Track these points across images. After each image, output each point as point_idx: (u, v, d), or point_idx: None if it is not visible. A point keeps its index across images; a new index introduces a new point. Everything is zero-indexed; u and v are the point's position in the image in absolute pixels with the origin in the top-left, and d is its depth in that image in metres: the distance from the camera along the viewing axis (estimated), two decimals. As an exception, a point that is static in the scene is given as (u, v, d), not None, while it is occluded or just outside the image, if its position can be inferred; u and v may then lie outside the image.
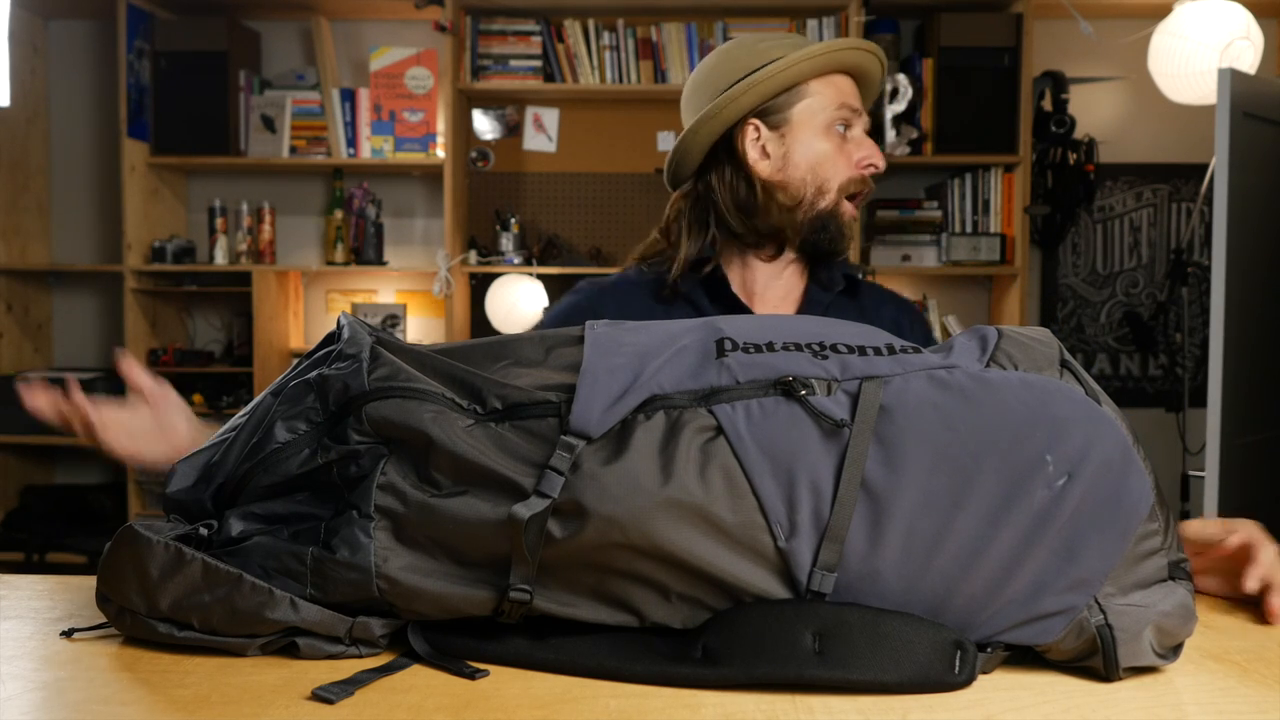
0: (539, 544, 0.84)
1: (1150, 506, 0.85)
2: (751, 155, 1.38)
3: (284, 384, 0.95)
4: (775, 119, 1.38)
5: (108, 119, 4.25)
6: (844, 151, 1.39)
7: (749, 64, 1.36)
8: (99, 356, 4.36)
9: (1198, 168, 4.10)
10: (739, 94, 1.34)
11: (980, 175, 3.97)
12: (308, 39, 4.25)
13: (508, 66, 4.01)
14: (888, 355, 0.90)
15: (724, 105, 1.35)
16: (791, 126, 1.38)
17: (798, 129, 1.38)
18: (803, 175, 1.38)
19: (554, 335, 0.97)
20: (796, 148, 1.38)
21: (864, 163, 1.40)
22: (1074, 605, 0.84)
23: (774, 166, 1.38)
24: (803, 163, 1.38)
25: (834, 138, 1.39)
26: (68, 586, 1.12)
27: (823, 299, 1.44)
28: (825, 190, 1.38)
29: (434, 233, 4.29)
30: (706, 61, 1.42)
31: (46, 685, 0.84)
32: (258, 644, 0.88)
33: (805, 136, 1.38)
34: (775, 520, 0.84)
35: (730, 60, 1.38)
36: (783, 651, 0.82)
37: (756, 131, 1.38)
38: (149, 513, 4.06)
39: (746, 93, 1.34)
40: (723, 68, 1.38)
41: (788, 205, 1.39)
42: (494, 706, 0.80)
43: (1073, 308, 4.30)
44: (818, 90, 1.38)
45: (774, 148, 1.38)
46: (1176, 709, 0.81)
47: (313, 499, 0.91)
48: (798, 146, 1.38)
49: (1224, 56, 3.32)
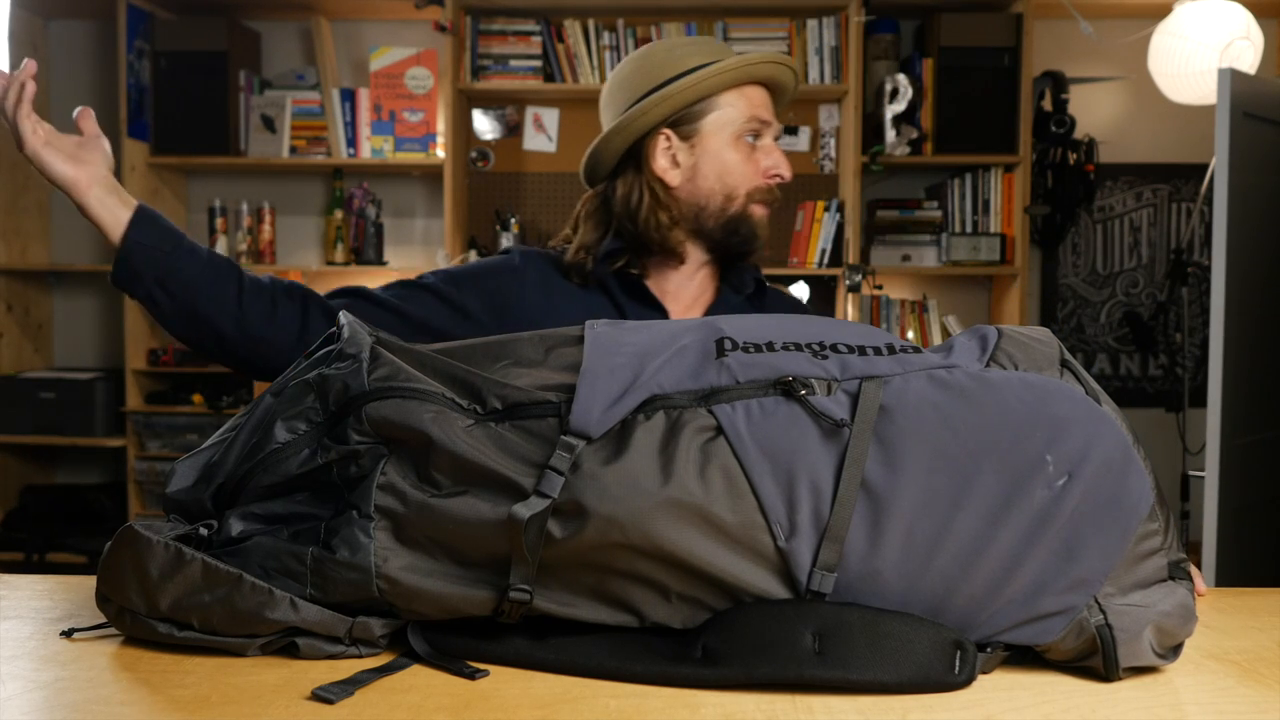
0: (539, 544, 0.84)
1: (1150, 506, 0.85)
2: (661, 164, 1.42)
3: (284, 384, 0.95)
4: (686, 129, 1.42)
5: (108, 119, 4.24)
6: (752, 161, 1.43)
7: (664, 72, 1.40)
8: (99, 356, 4.36)
9: (1198, 168, 4.10)
10: (652, 105, 1.38)
11: (980, 175, 3.97)
12: (308, 39, 4.25)
13: (508, 66, 4.01)
14: (888, 355, 0.90)
15: (637, 116, 1.39)
16: (702, 137, 1.42)
17: (708, 139, 1.42)
18: (711, 184, 1.42)
19: (554, 335, 0.97)
20: (706, 157, 1.42)
21: (770, 172, 1.44)
22: (1074, 605, 0.84)
23: (684, 175, 1.42)
24: (711, 172, 1.42)
25: (743, 148, 1.43)
26: (68, 586, 1.12)
27: (733, 301, 1.49)
28: (733, 197, 1.43)
29: (434, 233, 4.29)
30: (625, 64, 1.45)
31: (46, 685, 0.84)
32: (258, 644, 0.88)
33: (715, 146, 1.42)
34: (775, 520, 0.84)
35: (648, 66, 1.42)
36: (783, 651, 0.82)
37: (668, 141, 1.42)
38: (149, 513, 4.06)
39: (659, 104, 1.39)
40: (640, 74, 1.42)
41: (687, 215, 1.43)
42: (494, 706, 0.80)
43: (1073, 308, 4.30)
44: (729, 102, 1.42)
45: (684, 157, 1.42)
46: (1176, 709, 0.81)
47: (313, 499, 0.91)
48: (707, 156, 1.42)
49: (1224, 56, 3.32)
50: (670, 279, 1.46)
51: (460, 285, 1.39)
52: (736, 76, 1.41)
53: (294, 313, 1.30)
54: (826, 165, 4.16)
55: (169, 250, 1.25)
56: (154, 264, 1.24)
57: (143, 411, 4.04)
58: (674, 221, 1.42)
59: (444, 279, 1.39)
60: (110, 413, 4.07)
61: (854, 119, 3.88)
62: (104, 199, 1.23)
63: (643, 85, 1.41)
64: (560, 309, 1.39)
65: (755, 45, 3.99)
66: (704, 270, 1.48)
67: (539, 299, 1.40)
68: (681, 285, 1.46)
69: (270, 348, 1.29)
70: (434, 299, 1.37)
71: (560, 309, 1.39)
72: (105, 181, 1.24)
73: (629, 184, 1.42)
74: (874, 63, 3.99)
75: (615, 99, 1.44)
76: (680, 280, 1.46)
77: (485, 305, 1.38)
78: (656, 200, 1.41)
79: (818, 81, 3.96)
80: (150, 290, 1.25)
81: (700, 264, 1.47)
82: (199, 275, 1.26)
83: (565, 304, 1.40)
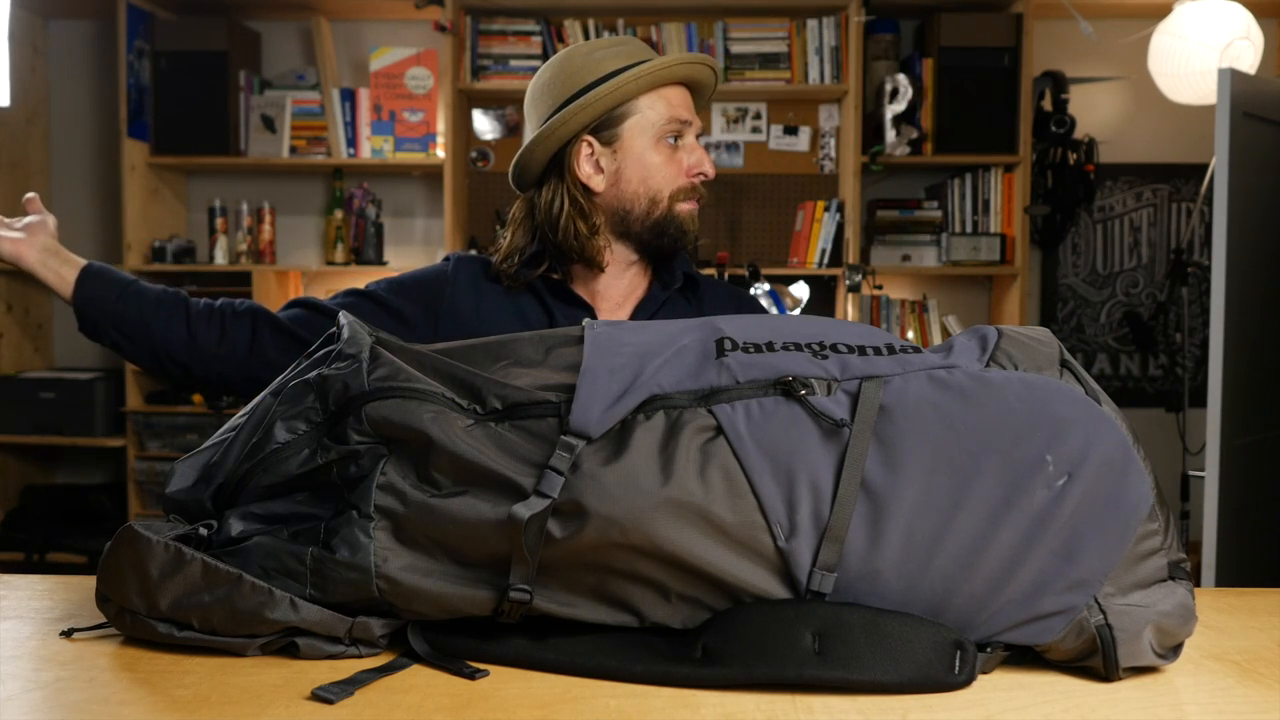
0: (539, 544, 0.84)
1: (1150, 506, 0.85)
2: (585, 170, 1.43)
3: (284, 384, 0.95)
4: (607, 134, 1.43)
5: (108, 119, 4.25)
6: (675, 161, 1.45)
7: (583, 78, 1.41)
8: (99, 356, 4.36)
9: (1198, 168, 4.10)
10: (572, 114, 1.39)
11: (980, 175, 3.97)
12: (308, 39, 4.25)
13: (508, 66, 4.01)
14: (888, 355, 0.90)
15: (558, 125, 1.40)
16: (623, 141, 1.43)
17: (629, 143, 1.43)
18: (635, 188, 1.44)
19: (554, 335, 0.97)
20: (629, 161, 1.43)
21: (694, 170, 1.46)
22: (1074, 605, 0.84)
23: (608, 180, 1.44)
24: (634, 176, 1.43)
25: (664, 149, 1.44)
26: (68, 586, 1.12)
27: (659, 297, 1.50)
28: (658, 200, 1.44)
29: (434, 233, 4.29)
30: (546, 69, 1.46)
31: (46, 685, 0.84)
32: (258, 644, 0.88)
33: (637, 150, 1.43)
34: (775, 520, 0.84)
35: (568, 72, 1.43)
36: (783, 651, 0.82)
37: (590, 148, 1.43)
38: (149, 513, 4.06)
39: (579, 112, 1.40)
40: (559, 80, 1.43)
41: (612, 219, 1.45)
42: (494, 706, 0.80)
43: (1073, 308, 4.30)
44: (648, 105, 1.43)
45: (607, 162, 1.44)
46: (1176, 709, 0.81)
47: (312, 499, 0.91)
48: (629, 160, 1.43)
49: (1224, 56, 3.32)
50: (598, 280, 1.48)
51: (401, 293, 1.46)
52: (654, 80, 1.41)
53: (242, 330, 1.40)
54: (826, 165, 4.16)
55: (115, 298, 1.37)
56: (106, 313, 1.37)
57: (143, 411, 4.05)
58: (593, 231, 1.44)
59: (386, 287, 1.47)
60: (110, 413, 4.07)
61: (854, 119, 3.88)
62: (47, 263, 1.36)
63: (563, 92, 1.42)
64: (488, 311, 1.44)
65: (755, 45, 3.99)
66: (633, 269, 1.49)
67: (468, 303, 1.44)
68: (609, 285, 1.49)
69: (226, 364, 1.40)
70: (375, 306, 1.44)
71: (488, 311, 1.44)
72: (47, 249, 1.36)
73: (552, 191, 1.44)
74: (874, 63, 3.99)
75: (537, 106, 1.45)
76: (608, 280, 1.48)
77: (421, 310, 1.44)
78: (578, 209, 1.43)
79: (818, 81, 3.97)
80: (112, 336, 1.38)
81: (628, 263, 1.48)
82: (148, 314, 1.38)
83: (494, 306, 1.45)
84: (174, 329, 1.38)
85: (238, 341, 1.39)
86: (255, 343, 1.40)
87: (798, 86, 3.98)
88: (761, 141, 4.16)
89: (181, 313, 1.39)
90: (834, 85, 3.95)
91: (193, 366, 1.40)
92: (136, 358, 1.40)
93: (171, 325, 1.38)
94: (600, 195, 1.44)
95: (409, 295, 1.45)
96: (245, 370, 1.39)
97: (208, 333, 1.39)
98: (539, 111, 1.45)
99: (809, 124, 4.16)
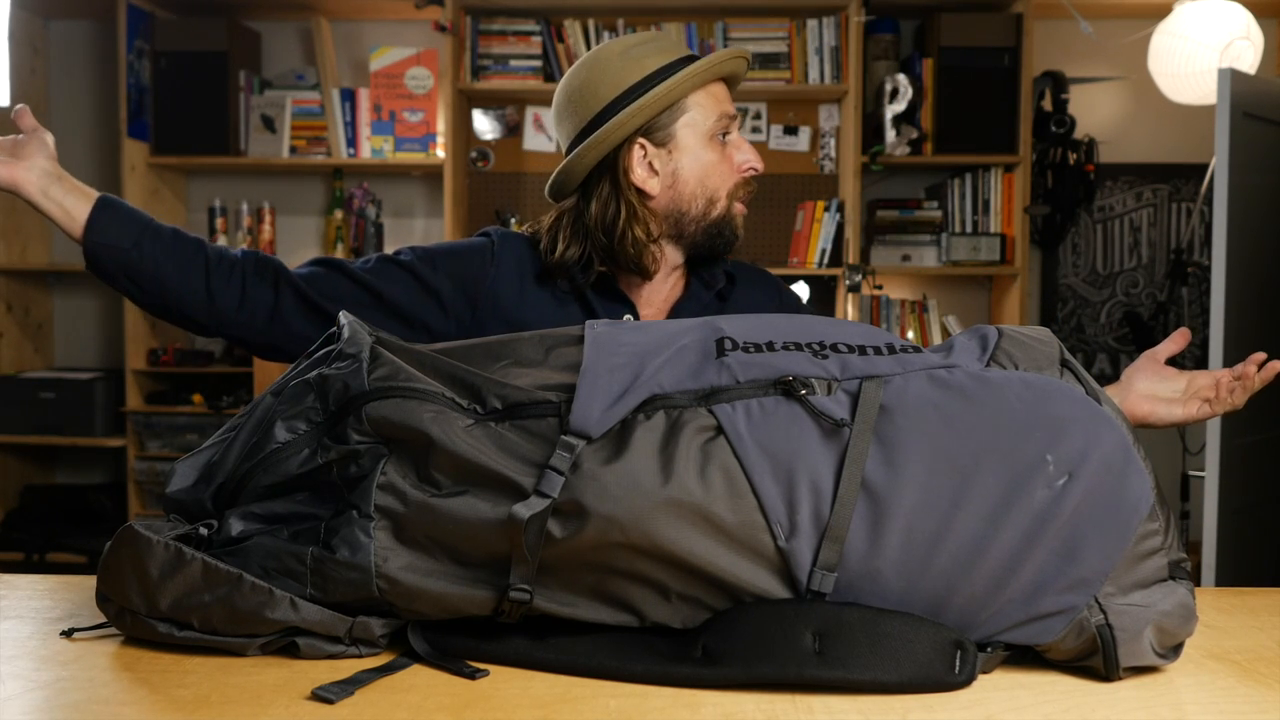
0: (539, 544, 0.84)
1: (1150, 506, 0.85)
2: (639, 174, 1.39)
3: (284, 383, 0.95)
4: (660, 135, 1.39)
5: (108, 119, 4.25)
6: (727, 158, 1.42)
7: (627, 78, 1.37)
8: (99, 356, 4.36)
9: (1198, 168, 4.10)
10: (629, 116, 1.35)
11: (980, 175, 3.97)
12: (308, 39, 4.25)
13: (508, 66, 4.01)
14: (888, 355, 0.91)
15: (614, 129, 1.36)
16: (677, 142, 1.39)
17: (683, 143, 1.40)
18: (693, 189, 1.40)
19: (554, 335, 0.97)
20: (684, 161, 1.40)
21: (744, 166, 1.43)
22: (1074, 605, 0.84)
23: (664, 183, 1.40)
24: (691, 176, 1.40)
25: (717, 147, 1.41)
26: (68, 586, 1.12)
27: (703, 297, 1.47)
28: (715, 200, 1.41)
29: (434, 233, 4.29)
30: (576, 74, 1.41)
31: (46, 685, 0.84)
32: (258, 644, 0.88)
33: (691, 149, 1.40)
34: (775, 520, 0.84)
35: (606, 74, 1.38)
36: (783, 651, 0.82)
37: (643, 150, 1.39)
38: (149, 513, 4.06)
39: (635, 115, 1.35)
40: (598, 82, 1.38)
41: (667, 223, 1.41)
42: (494, 706, 0.80)
43: (1073, 308, 4.30)
44: (698, 103, 1.40)
45: (661, 164, 1.39)
46: (1176, 709, 0.81)
47: (313, 499, 0.91)
48: (685, 160, 1.40)
49: (1224, 56, 3.32)
50: (643, 286, 1.44)
51: (435, 265, 1.38)
52: (707, 77, 1.38)
53: (264, 294, 1.32)
54: (826, 165, 4.16)
55: (129, 247, 1.26)
56: (118, 263, 1.27)
57: (143, 411, 4.04)
58: (649, 237, 1.39)
59: (420, 257, 1.38)
60: (110, 413, 4.07)
61: (854, 119, 3.88)
62: (51, 192, 1.22)
63: (607, 94, 1.37)
64: (532, 303, 1.38)
65: (755, 45, 3.99)
66: (675, 273, 1.46)
67: (510, 291, 1.38)
68: (655, 290, 1.45)
69: (245, 330, 1.33)
70: (409, 277, 1.36)
71: (532, 303, 1.38)
72: (49, 173, 1.23)
73: (604, 198, 1.39)
74: (874, 63, 3.99)
75: (576, 111, 1.39)
76: (654, 286, 1.45)
77: (457, 289, 1.37)
78: (633, 214, 1.38)
79: (818, 81, 3.96)
80: (124, 285, 1.29)
81: (673, 267, 1.45)
82: (164, 267, 1.28)
83: (537, 298, 1.39)
84: (192, 284, 1.29)
85: (258, 308, 1.32)
86: (277, 311, 1.32)
87: (798, 86, 3.98)
88: (761, 141, 4.16)
89: (200, 267, 1.30)
90: (834, 85, 3.95)
91: (209, 326, 1.32)
92: (147, 308, 1.32)
93: (189, 280, 1.29)
94: (655, 198, 1.39)
95: (445, 270, 1.38)
96: (265, 338, 1.32)
97: (227, 293, 1.31)
98: (578, 116, 1.39)
99: (809, 124, 4.16)
